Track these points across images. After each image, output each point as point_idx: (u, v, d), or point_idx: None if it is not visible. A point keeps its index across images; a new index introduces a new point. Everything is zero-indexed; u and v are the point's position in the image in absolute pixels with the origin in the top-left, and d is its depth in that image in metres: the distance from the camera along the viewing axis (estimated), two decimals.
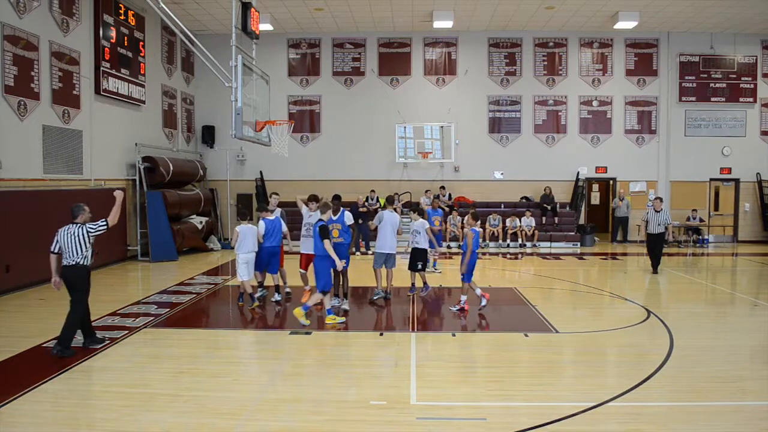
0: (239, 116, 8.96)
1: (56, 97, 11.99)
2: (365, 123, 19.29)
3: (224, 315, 9.19)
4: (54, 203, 11.38)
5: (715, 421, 4.94)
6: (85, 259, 6.74)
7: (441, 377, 6.06)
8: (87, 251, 6.75)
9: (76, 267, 6.69)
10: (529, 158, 19.28)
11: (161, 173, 15.13)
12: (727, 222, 19.57)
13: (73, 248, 6.67)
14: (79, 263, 6.70)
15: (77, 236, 6.70)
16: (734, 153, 19.21)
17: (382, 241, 9.43)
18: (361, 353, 7.04)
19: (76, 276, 6.71)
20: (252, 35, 10.01)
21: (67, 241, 6.68)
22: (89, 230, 6.75)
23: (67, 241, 6.68)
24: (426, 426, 4.84)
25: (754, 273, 13.91)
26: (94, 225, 6.79)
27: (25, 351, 6.78)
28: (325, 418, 4.98)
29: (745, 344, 7.55)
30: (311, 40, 19.37)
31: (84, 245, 6.71)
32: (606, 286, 11.68)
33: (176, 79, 18.05)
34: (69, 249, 6.67)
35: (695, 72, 19.11)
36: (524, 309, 9.23)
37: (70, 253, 6.67)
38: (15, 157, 10.76)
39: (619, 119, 19.36)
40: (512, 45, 19.27)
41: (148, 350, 6.93)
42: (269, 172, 19.02)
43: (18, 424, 4.84)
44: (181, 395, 5.46)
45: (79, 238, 6.69)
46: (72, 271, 6.69)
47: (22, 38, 10.93)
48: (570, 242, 17.94)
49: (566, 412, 5.02)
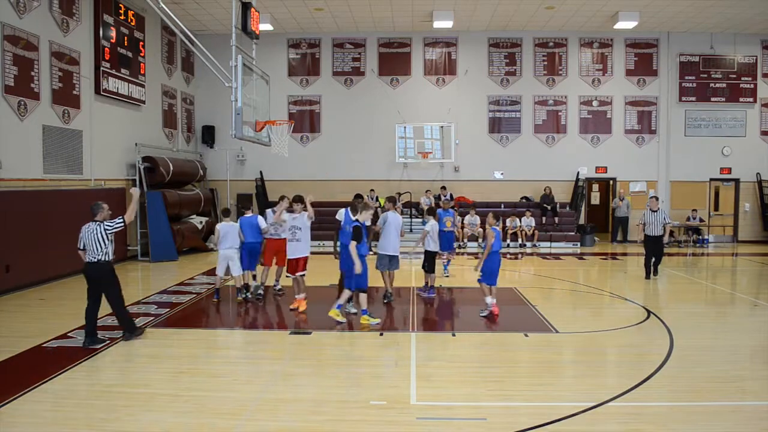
0: (239, 116, 8.96)
1: (56, 97, 11.99)
2: (365, 123, 19.29)
3: (224, 315, 9.19)
4: (54, 203, 11.40)
5: (715, 421, 4.94)
6: (106, 255, 7.02)
7: (441, 377, 6.06)
8: (107, 248, 7.03)
9: (99, 263, 6.99)
10: (529, 158, 19.29)
11: (161, 173, 15.13)
12: (727, 222, 19.57)
13: (94, 245, 6.96)
14: (101, 260, 6.99)
15: (96, 233, 6.99)
16: (734, 153, 19.21)
17: (385, 242, 9.31)
18: (361, 353, 7.03)
19: (100, 272, 7.02)
20: (252, 35, 10.00)
21: (88, 239, 7.00)
22: (107, 228, 7.05)
23: (88, 239, 7.00)
24: (426, 426, 4.83)
25: (754, 273, 13.91)
26: (111, 222, 7.11)
27: (25, 351, 6.78)
28: (325, 418, 4.98)
29: (745, 344, 7.55)
30: (311, 40, 19.37)
31: (104, 242, 6.99)
32: (606, 286, 11.68)
33: (176, 79, 18.05)
34: (91, 246, 6.97)
35: (695, 72, 19.12)
36: (524, 309, 9.23)
37: (92, 250, 6.98)
38: (15, 157, 10.76)
39: (619, 119, 19.37)
40: (512, 45, 19.27)
41: (148, 350, 6.93)
42: (269, 172, 19.03)
43: (18, 424, 4.84)
44: (181, 395, 5.46)
45: (98, 236, 6.99)
46: (95, 267, 7.00)
47: (22, 38, 10.93)
48: (570, 242, 17.94)
49: (566, 412, 5.02)
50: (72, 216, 11.76)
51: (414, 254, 12.93)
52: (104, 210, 7.19)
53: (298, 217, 8.87)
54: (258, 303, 9.58)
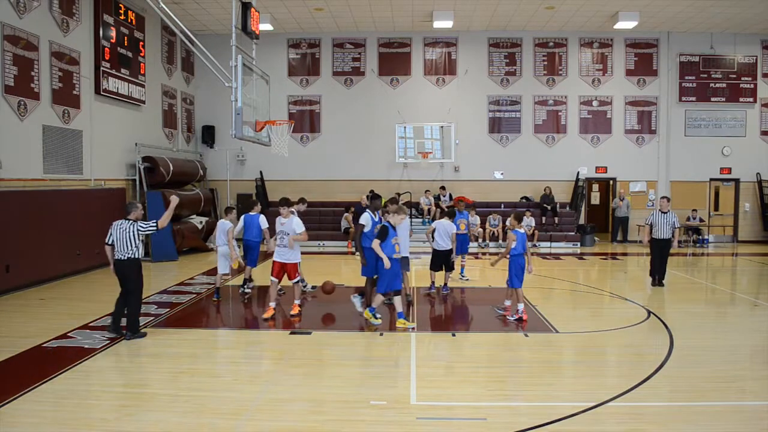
0: (239, 116, 8.96)
1: (56, 97, 11.99)
2: (365, 123, 19.29)
3: (224, 315, 9.19)
4: (54, 203, 11.40)
5: (715, 421, 4.94)
6: (134, 253, 7.21)
7: (441, 377, 6.07)
8: (137, 247, 7.23)
9: (127, 261, 7.19)
10: (529, 158, 19.28)
11: (161, 173, 15.13)
12: (727, 222, 19.57)
13: (124, 243, 7.15)
14: (130, 257, 7.19)
15: (128, 232, 7.17)
16: (734, 153, 19.21)
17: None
18: (361, 353, 7.03)
19: (127, 269, 7.22)
20: (252, 35, 10.00)
21: (118, 236, 7.18)
22: (140, 228, 7.22)
23: (118, 236, 7.18)
24: (426, 426, 4.83)
25: (754, 273, 13.91)
26: (144, 224, 7.27)
27: (25, 351, 6.77)
28: (325, 418, 4.98)
29: (745, 344, 7.55)
30: (311, 40, 19.37)
31: (133, 240, 7.19)
32: (606, 286, 11.67)
33: (176, 79, 18.05)
34: (120, 243, 7.16)
35: (695, 72, 19.12)
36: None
37: (122, 247, 7.16)
38: (15, 157, 10.76)
39: (619, 119, 19.37)
40: (512, 45, 19.27)
41: (148, 350, 6.92)
42: (269, 172, 19.03)
43: (18, 424, 4.84)
44: (181, 395, 5.46)
45: (129, 234, 7.17)
46: (123, 264, 7.21)
47: (22, 38, 10.93)
48: (570, 242, 17.94)
49: (566, 412, 5.02)
50: (72, 216, 11.86)
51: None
52: (138, 209, 7.39)
53: (287, 223, 8.44)
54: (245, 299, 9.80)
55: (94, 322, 8.09)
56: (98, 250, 12.55)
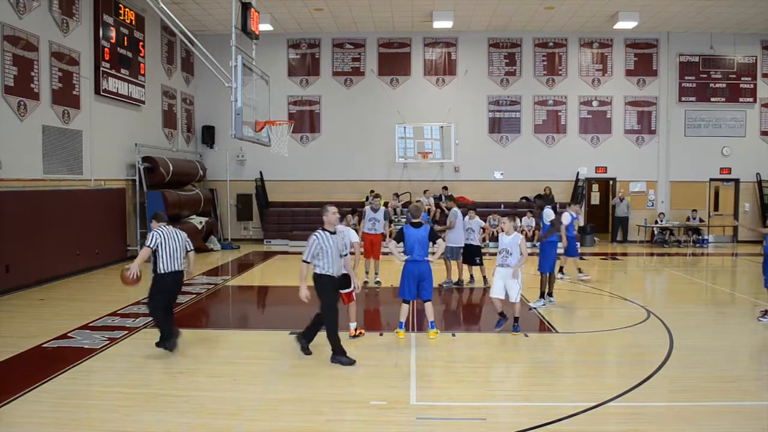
0: (239, 116, 8.96)
1: (56, 97, 11.98)
2: (365, 123, 19.28)
3: (224, 315, 9.20)
4: (54, 203, 11.40)
5: (715, 421, 4.94)
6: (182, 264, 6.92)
7: (441, 377, 6.07)
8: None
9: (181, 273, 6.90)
10: (528, 158, 19.27)
11: (161, 173, 15.13)
12: (727, 222, 19.56)
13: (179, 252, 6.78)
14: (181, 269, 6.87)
15: (184, 241, 6.88)
16: (734, 153, 19.20)
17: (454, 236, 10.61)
18: (361, 353, 7.03)
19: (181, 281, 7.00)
20: (252, 35, 10.00)
21: (173, 244, 6.74)
22: (188, 241, 6.97)
23: (173, 244, 6.74)
24: (426, 426, 4.84)
25: (754, 273, 13.87)
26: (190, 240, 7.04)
27: (25, 351, 6.78)
28: (325, 418, 4.98)
29: (745, 344, 7.56)
30: (311, 40, 19.36)
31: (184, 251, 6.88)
32: (606, 286, 11.67)
33: (176, 79, 18.05)
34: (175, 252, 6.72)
35: (695, 72, 19.11)
36: (524, 309, 9.21)
37: (178, 257, 6.76)
38: (15, 157, 10.75)
39: (619, 119, 19.36)
40: (512, 45, 19.26)
41: (148, 350, 6.92)
42: (269, 172, 19.02)
43: (18, 424, 4.84)
44: (181, 395, 5.46)
45: (185, 243, 6.91)
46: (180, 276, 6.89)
47: (22, 38, 10.93)
48: None
49: (566, 412, 5.02)
50: (72, 216, 11.86)
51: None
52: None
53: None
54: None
55: (94, 322, 8.10)
56: (98, 250, 12.59)
